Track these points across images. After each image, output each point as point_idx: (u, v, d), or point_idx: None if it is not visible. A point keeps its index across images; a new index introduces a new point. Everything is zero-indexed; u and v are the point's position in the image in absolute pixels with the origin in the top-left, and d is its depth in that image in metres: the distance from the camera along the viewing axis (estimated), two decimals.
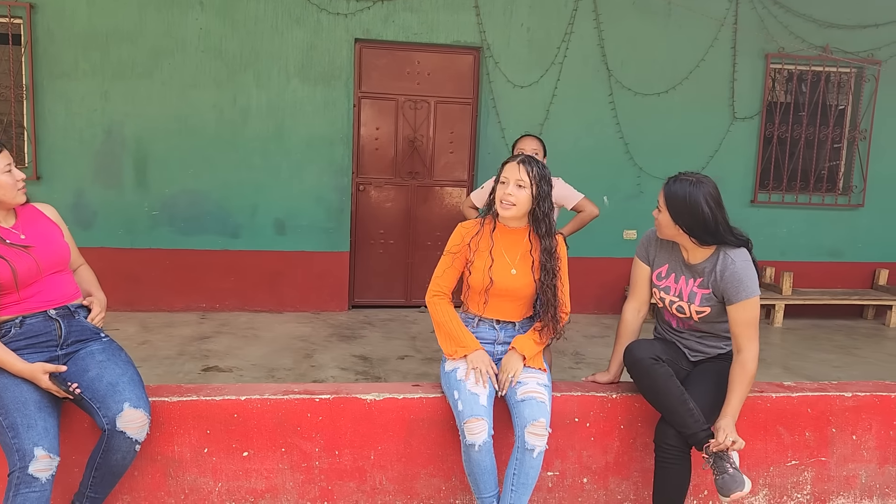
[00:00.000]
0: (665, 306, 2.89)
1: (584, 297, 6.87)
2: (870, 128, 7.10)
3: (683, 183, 2.68)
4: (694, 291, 2.76)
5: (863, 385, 3.23)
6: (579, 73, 6.65)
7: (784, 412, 3.06)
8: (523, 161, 2.71)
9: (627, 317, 3.02)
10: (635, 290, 3.00)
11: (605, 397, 2.96)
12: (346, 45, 6.33)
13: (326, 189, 6.43)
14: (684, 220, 2.67)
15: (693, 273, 2.78)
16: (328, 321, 6.26)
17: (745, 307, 2.66)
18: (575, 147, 6.72)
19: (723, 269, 2.68)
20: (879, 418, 3.15)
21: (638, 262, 2.98)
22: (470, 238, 2.83)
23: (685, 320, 2.85)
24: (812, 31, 6.92)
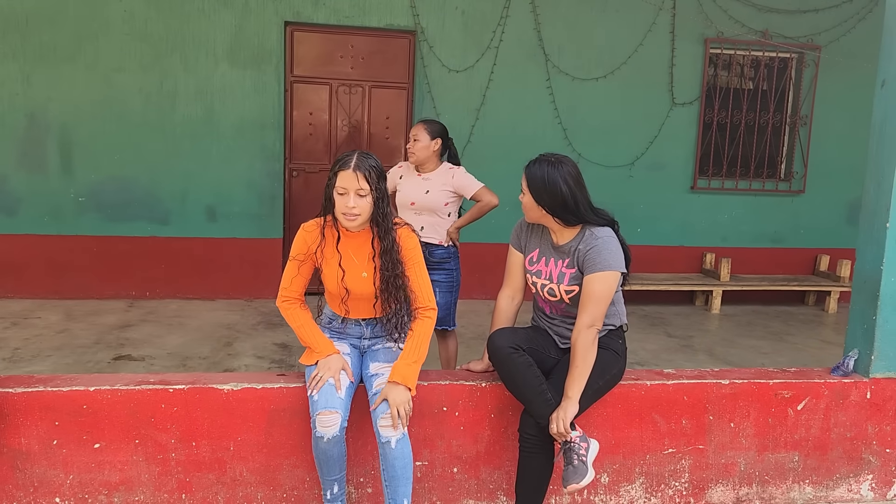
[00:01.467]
0: (538, 291, 2.86)
1: None
2: (810, 113, 7.07)
3: (543, 164, 2.69)
4: (563, 272, 2.75)
5: (741, 372, 3.20)
6: (516, 57, 6.57)
7: (660, 400, 3.03)
8: (357, 166, 2.56)
9: (501, 304, 2.97)
10: (509, 277, 2.97)
11: (474, 386, 2.92)
12: (276, 28, 6.22)
13: (258, 175, 6.35)
14: (545, 200, 2.66)
15: (560, 254, 2.76)
16: (259, 309, 6.19)
17: (595, 279, 2.64)
18: (513, 133, 6.66)
19: (586, 246, 2.68)
20: (758, 405, 3.12)
21: (511, 250, 2.96)
22: (315, 247, 2.75)
23: (557, 304, 2.81)
24: (751, 15, 6.87)
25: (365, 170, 2.55)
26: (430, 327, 2.72)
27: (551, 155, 2.73)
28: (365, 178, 2.54)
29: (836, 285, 6.96)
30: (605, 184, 6.82)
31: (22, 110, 5.98)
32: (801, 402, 3.15)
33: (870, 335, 3.18)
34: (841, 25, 6.98)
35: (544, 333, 2.90)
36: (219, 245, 6.35)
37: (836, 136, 7.13)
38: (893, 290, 3.12)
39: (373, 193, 2.57)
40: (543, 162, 2.69)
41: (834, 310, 6.98)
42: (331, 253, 2.71)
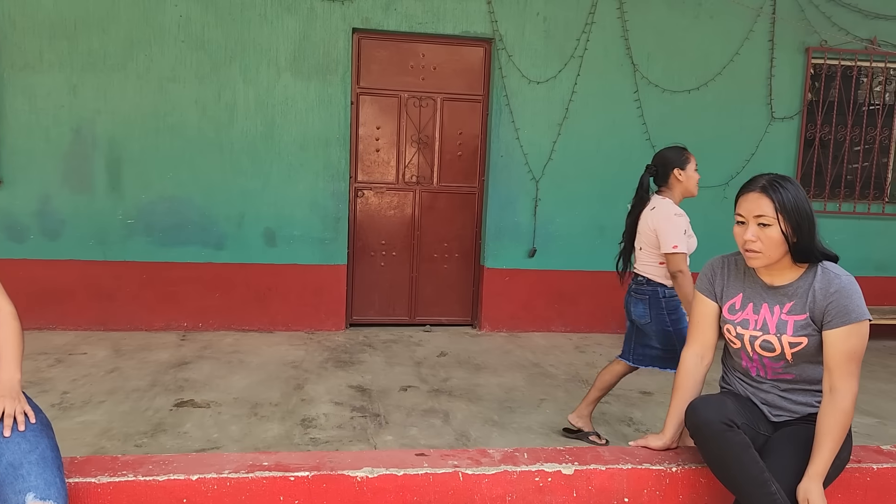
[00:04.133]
0: (743, 347, 2.28)
1: (607, 314, 6.23)
2: None
3: (786, 184, 2.14)
4: (783, 320, 2.19)
5: None
6: (601, 67, 6.00)
7: (888, 488, 2.42)
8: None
9: (688, 365, 2.40)
10: (696, 332, 2.41)
11: (662, 471, 2.31)
12: (343, 36, 5.69)
13: (322, 195, 5.80)
14: (802, 231, 2.12)
15: (779, 297, 2.22)
16: (323, 343, 5.62)
17: (853, 333, 2.10)
18: (597, 150, 6.08)
19: (826, 286, 2.14)
20: None
21: (701, 299, 2.40)
22: None
23: (772, 363, 2.24)
24: (857, 22, 6.27)
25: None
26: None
27: (773, 174, 2.20)
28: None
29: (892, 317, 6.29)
30: (697, 205, 6.19)
31: (67, 124, 5.47)
32: None
33: None
34: None
35: (749, 404, 2.30)
36: (278, 272, 5.80)
37: None
38: None
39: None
40: (784, 181, 2.14)
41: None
42: None
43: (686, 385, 2.38)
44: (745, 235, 2.16)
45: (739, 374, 2.37)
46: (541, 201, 6.05)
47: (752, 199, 2.14)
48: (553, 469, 2.27)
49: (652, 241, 3.55)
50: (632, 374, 5.11)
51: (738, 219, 2.18)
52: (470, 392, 4.63)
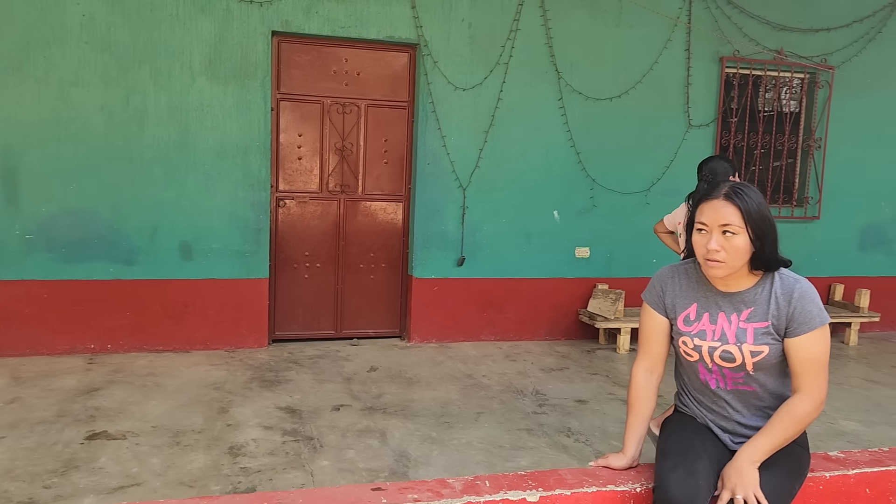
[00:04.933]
0: (701, 359, 2.18)
1: (536, 321, 6.22)
2: (824, 136, 6.77)
3: (749, 192, 2.06)
4: (742, 328, 2.11)
5: None
6: (526, 74, 5.99)
7: (839, 495, 2.44)
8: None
9: (639, 381, 2.32)
10: (646, 346, 2.33)
11: (626, 492, 2.25)
12: (262, 39, 5.44)
13: (241, 205, 5.52)
14: (766, 239, 2.05)
15: (736, 305, 2.13)
16: (246, 361, 5.34)
17: (819, 337, 2.07)
18: (523, 157, 6.06)
19: (787, 292, 2.07)
20: None
21: (650, 312, 2.31)
22: None
23: (732, 373, 2.15)
24: (766, 33, 6.53)
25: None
26: None
27: (733, 181, 2.13)
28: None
29: (857, 316, 6.63)
30: (622, 212, 6.33)
31: None
32: None
33: None
34: (852, 45, 6.73)
35: (708, 439, 2.20)
36: (195, 287, 5.47)
37: (850, 159, 6.85)
38: None
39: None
40: (747, 189, 2.06)
41: (855, 342, 6.64)
42: None
43: (640, 401, 2.32)
44: (707, 244, 2.04)
45: (696, 392, 2.29)
46: (468, 209, 5.98)
47: (717, 207, 2.04)
48: (517, 497, 2.16)
49: None
50: (565, 383, 5.12)
51: (700, 227, 2.08)
52: (405, 408, 4.49)
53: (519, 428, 4.24)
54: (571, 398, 4.82)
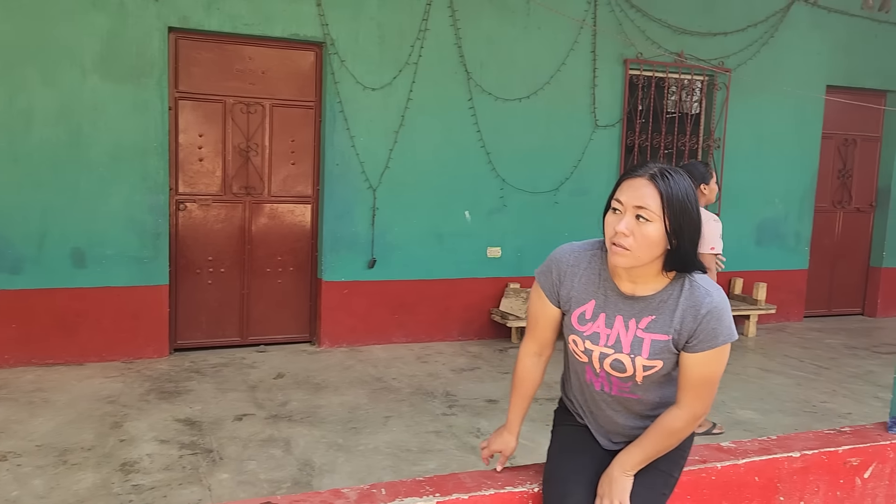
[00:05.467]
0: (590, 363, 1.97)
1: (448, 322, 6.20)
2: (723, 136, 7.03)
3: (677, 177, 1.79)
4: (639, 337, 1.88)
5: (807, 440, 2.74)
6: (436, 74, 5.96)
7: (731, 485, 2.50)
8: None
9: (526, 363, 2.12)
10: (535, 330, 2.08)
11: (525, 492, 2.22)
12: (158, 35, 5.21)
13: (138, 209, 5.26)
14: (683, 231, 1.78)
15: (637, 310, 1.88)
16: (144, 372, 5.09)
17: (716, 356, 1.84)
18: (434, 158, 6.03)
19: (696, 305, 1.83)
20: (827, 478, 2.67)
21: (541, 298, 2.01)
22: None
23: (620, 382, 1.95)
24: (667, 36, 6.72)
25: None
26: None
27: (665, 164, 1.85)
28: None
29: (755, 309, 6.91)
30: (532, 211, 6.38)
31: None
32: (868, 468, 2.74)
33: None
34: (747, 49, 7.01)
35: (588, 445, 2.08)
36: (89, 296, 5.18)
37: (747, 158, 7.14)
38: None
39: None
40: (677, 174, 1.79)
41: (754, 333, 6.92)
42: None
43: (526, 383, 2.15)
44: (617, 226, 1.77)
45: (579, 387, 2.10)
46: (379, 210, 5.90)
47: (637, 186, 1.76)
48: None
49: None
50: (475, 383, 5.11)
51: (615, 206, 1.79)
52: (311, 415, 4.37)
53: (428, 431, 4.20)
54: (482, 398, 4.81)
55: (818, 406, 4.96)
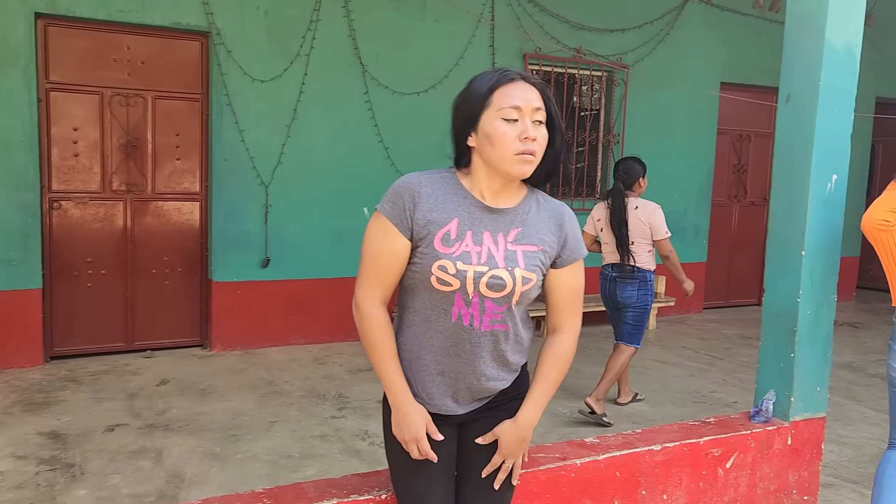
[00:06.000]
0: (462, 289, 1.72)
1: (349, 321, 6.04)
2: (622, 132, 7.11)
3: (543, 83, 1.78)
4: (511, 250, 1.75)
5: (670, 432, 2.74)
6: (330, 67, 5.80)
7: (591, 481, 2.46)
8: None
9: (381, 316, 1.78)
10: (381, 273, 1.76)
11: (371, 499, 2.12)
12: (24, 21, 4.86)
13: (5, 208, 4.91)
14: (557, 138, 1.77)
15: (502, 223, 1.76)
16: (13, 383, 4.75)
17: (581, 267, 1.86)
18: (329, 152, 5.87)
19: (557, 216, 1.81)
20: (689, 470, 2.67)
21: (388, 232, 1.74)
22: None
23: (494, 306, 1.74)
24: (566, 32, 6.75)
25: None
26: None
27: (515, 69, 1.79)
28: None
29: (655, 302, 7.02)
30: None
31: None
32: (730, 458, 2.76)
33: (788, 375, 2.87)
34: (644, 46, 7.11)
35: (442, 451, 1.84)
36: None
37: (645, 153, 7.15)
38: (810, 323, 2.85)
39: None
40: (538, 81, 1.76)
41: (654, 326, 7.04)
42: None
43: (391, 340, 1.80)
44: (527, 132, 1.66)
45: (435, 337, 1.77)
46: (272, 207, 5.70)
47: (527, 89, 1.70)
48: None
49: (645, 233, 4.36)
50: (371, 384, 4.98)
51: (510, 115, 1.67)
52: (191, 423, 4.16)
53: (313, 435, 4.06)
54: (375, 398, 4.69)
55: (707, 396, 5.05)
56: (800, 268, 2.81)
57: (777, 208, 2.92)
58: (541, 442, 2.26)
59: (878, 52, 8.43)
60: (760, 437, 2.82)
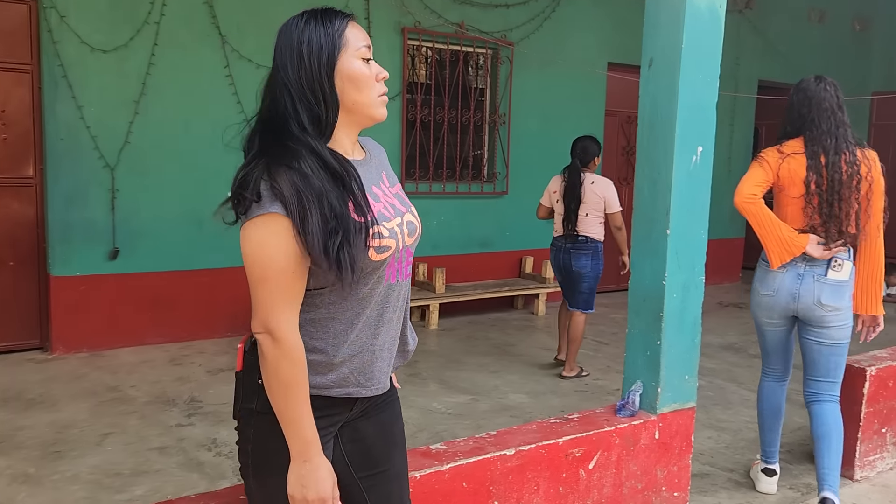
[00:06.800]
0: (396, 249, 1.49)
1: (214, 317, 5.55)
2: (508, 112, 6.87)
3: None
4: (396, 193, 1.58)
5: (525, 433, 2.45)
6: (184, 37, 5.25)
7: (432, 496, 2.14)
8: None
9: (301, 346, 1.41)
10: (295, 288, 1.40)
11: None
12: None
13: None
14: None
15: (375, 172, 1.57)
16: None
17: None
18: (186, 132, 5.33)
19: (378, 146, 1.67)
20: (547, 474, 2.40)
21: (290, 238, 1.36)
22: None
23: (410, 252, 1.57)
24: (447, 6, 6.42)
25: None
26: None
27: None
28: None
29: (543, 287, 6.85)
30: None
31: None
32: (593, 458, 2.51)
33: (654, 364, 2.65)
34: (530, 23, 6.88)
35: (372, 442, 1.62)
36: None
37: (532, 134, 7.03)
38: (677, 307, 2.63)
39: None
40: None
41: (543, 312, 6.86)
42: None
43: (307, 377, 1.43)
44: (382, 71, 1.49)
45: (366, 325, 1.49)
46: (119, 192, 5.12)
47: (360, 27, 1.51)
48: None
49: (599, 206, 4.76)
50: (230, 385, 4.53)
51: (367, 54, 1.47)
52: (5, 440, 3.61)
53: (151, 447, 3.59)
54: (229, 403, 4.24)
55: (590, 384, 4.87)
56: (665, 248, 2.58)
57: (641, 184, 2.69)
58: (411, 443, 1.93)
59: (761, 35, 8.56)
60: (626, 433, 2.58)
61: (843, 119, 2.95)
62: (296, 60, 1.44)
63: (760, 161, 2.98)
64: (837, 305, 2.92)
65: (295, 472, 1.40)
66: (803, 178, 2.89)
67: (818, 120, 2.93)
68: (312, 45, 1.43)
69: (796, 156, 2.92)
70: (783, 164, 2.93)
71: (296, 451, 1.40)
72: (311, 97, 1.43)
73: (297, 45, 1.45)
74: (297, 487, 1.40)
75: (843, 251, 2.93)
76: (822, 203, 2.87)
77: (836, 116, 2.94)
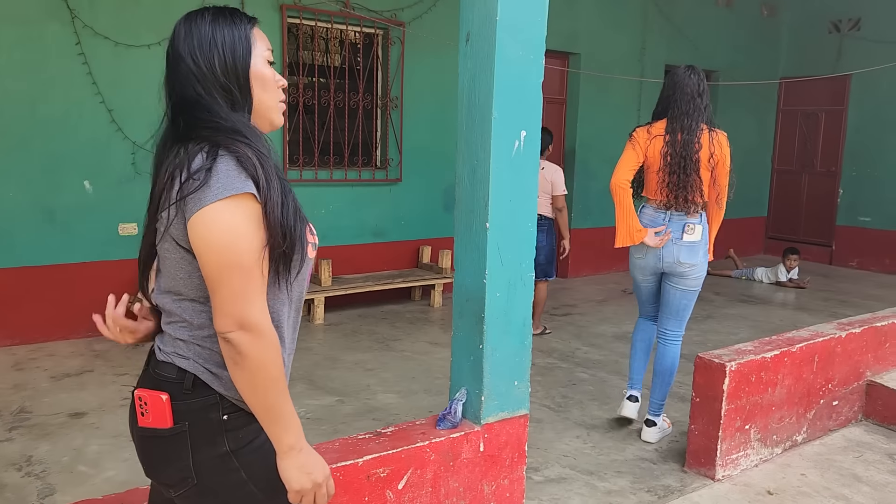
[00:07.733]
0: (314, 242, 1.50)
1: (71, 316, 5.13)
2: (401, 95, 6.57)
3: None
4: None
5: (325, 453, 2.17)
6: (23, 10, 4.77)
7: None
8: None
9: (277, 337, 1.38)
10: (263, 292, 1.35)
11: None
12: None
13: None
14: None
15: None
16: None
17: None
18: (32, 115, 4.86)
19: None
20: (346, 499, 2.14)
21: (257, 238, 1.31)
22: None
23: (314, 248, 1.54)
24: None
25: None
26: None
27: None
28: None
29: (440, 277, 6.61)
30: None
31: None
32: (403, 478, 2.26)
33: (478, 369, 2.42)
34: (421, 3, 6.58)
35: None
36: None
37: (427, 119, 6.75)
38: (500, 307, 2.40)
39: None
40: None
41: (440, 303, 6.62)
42: None
43: None
44: (282, 79, 1.49)
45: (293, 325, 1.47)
46: None
47: (263, 33, 1.50)
48: None
49: (546, 188, 5.27)
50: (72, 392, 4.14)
51: (270, 57, 1.48)
52: None
53: None
54: (66, 412, 3.88)
55: None
56: (485, 243, 2.34)
57: (462, 172, 2.44)
58: None
59: (668, 19, 8.48)
60: (443, 448, 2.34)
61: (699, 104, 3.47)
62: (212, 53, 1.40)
63: (633, 143, 3.51)
64: (693, 262, 3.51)
65: (294, 464, 1.34)
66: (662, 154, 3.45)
67: (680, 103, 3.45)
68: (226, 39, 1.41)
69: (660, 137, 3.46)
70: (650, 145, 3.47)
71: (290, 442, 1.34)
72: (229, 87, 1.39)
73: (209, 39, 1.41)
74: (302, 477, 1.35)
75: (696, 217, 3.51)
76: (672, 174, 3.42)
77: (695, 101, 3.47)
